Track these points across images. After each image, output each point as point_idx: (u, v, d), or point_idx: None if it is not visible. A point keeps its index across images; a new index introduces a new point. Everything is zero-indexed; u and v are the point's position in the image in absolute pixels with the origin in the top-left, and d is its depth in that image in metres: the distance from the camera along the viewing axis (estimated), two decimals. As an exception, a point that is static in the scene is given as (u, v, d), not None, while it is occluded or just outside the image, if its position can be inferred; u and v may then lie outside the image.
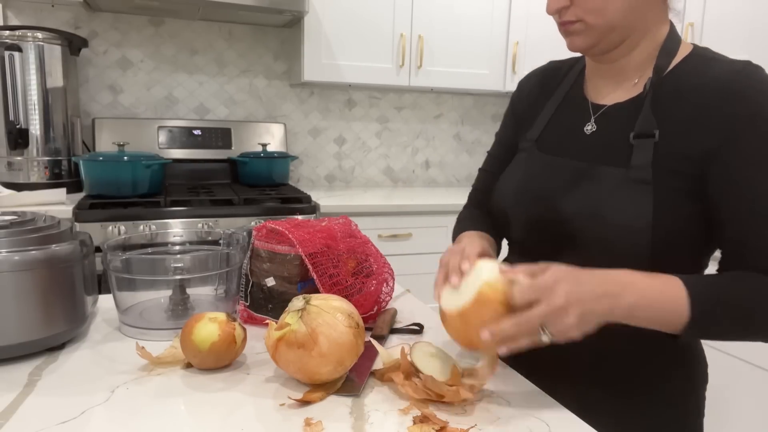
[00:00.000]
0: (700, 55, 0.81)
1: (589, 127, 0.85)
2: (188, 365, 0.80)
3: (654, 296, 0.71)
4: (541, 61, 1.03)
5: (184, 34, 2.61)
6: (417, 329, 0.96)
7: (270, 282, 0.94)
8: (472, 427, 0.66)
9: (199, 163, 2.60)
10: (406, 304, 1.10)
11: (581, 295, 0.67)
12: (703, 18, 2.16)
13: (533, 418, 0.69)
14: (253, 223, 2.13)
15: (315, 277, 0.91)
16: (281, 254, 0.93)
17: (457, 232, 1.00)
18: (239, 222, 2.12)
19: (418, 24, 2.62)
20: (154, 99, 2.61)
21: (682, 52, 0.82)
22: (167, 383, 0.75)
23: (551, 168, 0.86)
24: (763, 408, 1.66)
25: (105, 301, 1.02)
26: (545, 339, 0.66)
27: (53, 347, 0.83)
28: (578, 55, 0.91)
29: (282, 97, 2.81)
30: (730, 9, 2.07)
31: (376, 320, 0.96)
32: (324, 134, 2.92)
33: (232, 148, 2.63)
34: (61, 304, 0.82)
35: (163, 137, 2.53)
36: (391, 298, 1.04)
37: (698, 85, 0.76)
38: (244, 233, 1.04)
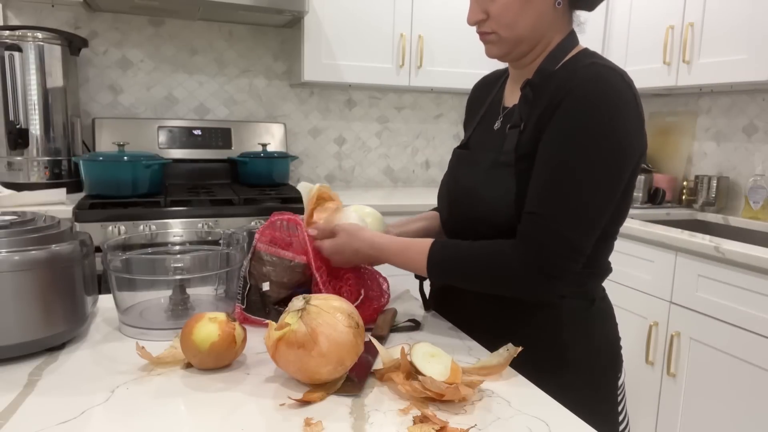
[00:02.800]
0: (578, 58, 0.92)
1: (497, 125, 1.00)
2: (188, 365, 0.80)
3: (400, 256, 0.94)
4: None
5: (184, 34, 2.61)
6: (413, 326, 0.97)
7: (265, 287, 0.94)
8: (472, 427, 0.66)
9: (199, 163, 2.60)
10: (407, 304, 1.10)
11: (345, 257, 0.97)
12: (703, 18, 2.16)
13: (533, 418, 0.69)
14: (253, 224, 2.13)
15: (321, 288, 0.92)
16: (286, 260, 0.93)
17: None
18: (239, 222, 2.12)
19: (418, 24, 2.62)
20: (154, 99, 2.61)
21: (570, 55, 0.93)
22: (167, 383, 0.75)
23: (458, 159, 1.04)
24: (744, 400, 1.67)
25: (105, 301, 1.02)
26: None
27: (53, 347, 0.83)
28: None
29: (282, 97, 2.81)
30: (730, 9, 2.07)
31: (376, 320, 0.96)
32: (324, 134, 2.92)
33: (232, 148, 2.63)
34: (61, 304, 0.82)
35: (163, 137, 2.53)
36: (388, 300, 1.04)
37: (558, 81, 0.88)
38: (244, 233, 1.04)
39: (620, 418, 0.99)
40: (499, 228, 0.90)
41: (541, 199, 0.85)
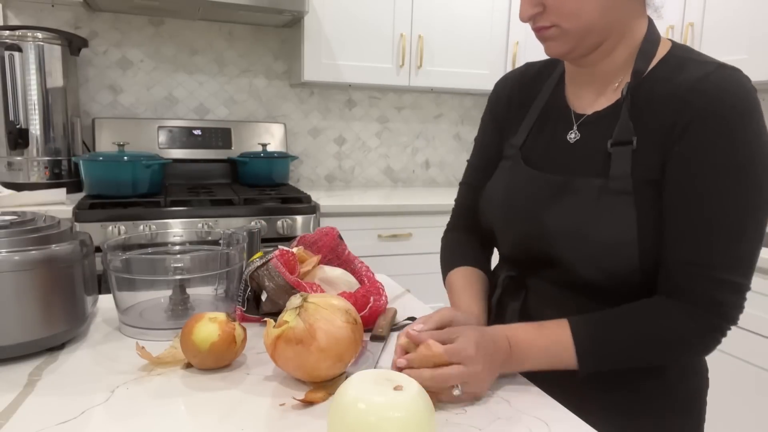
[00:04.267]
0: (676, 55, 0.78)
1: (573, 136, 0.84)
2: (188, 365, 0.80)
3: (543, 347, 0.76)
4: (541, 61, 1.02)
5: (184, 34, 2.61)
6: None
7: (263, 296, 0.94)
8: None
9: (199, 163, 2.60)
10: (406, 304, 1.10)
11: (493, 363, 0.72)
12: (703, 18, 2.16)
13: (533, 418, 0.69)
14: (253, 223, 2.13)
15: None
16: (288, 284, 0.92)
17: (446, 265, 1.00)
18: (239, 222, 2.12)
19: (418, 24, 2.62)
20: (154, 99, 2.61)
21: (660, 53, 0.79)
22: (167, 383, 0.75)
23: (534, 182, 0.85)
24: (744, 400, 1.67)
25: (105, 301, 1.02)
26: (456, 393, 0.69)
27: (53, 347, 0.83)
28: None
29: (282, 97, 2.81)
30: (730, 9, 2.07)
31: (376, 320, 0.96)
32: (324, 134, 2.92)
33: (232, 148, 2.63)
34: (61, 304, 0.82)
35: (163, 137, 2.53)
36: (387, 300, 1.04)
37: (670, 89, 0.74)
38: (244, 233, 1.04)
39: None
40: (610, 271, 0.76)
41: (701, 245, 0.71)
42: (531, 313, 0.86)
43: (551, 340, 0.76)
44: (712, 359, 0.87)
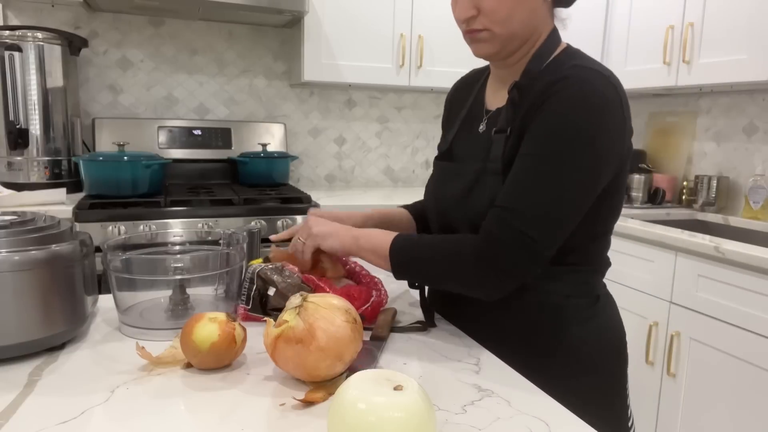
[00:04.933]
0: (561, 58, 0.90)
1: (481, 129, 0.97)
2: (188, 365, 0.80)
3: (372, 239, 0.93)
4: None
5: (184, 34, 2.61)
6: (420, 327, 0.97)
7: (271, 291, 0.95)
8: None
9: (199, 163, 2.60)
10: (407, 304, 1.10)
11: (332, 225, 0.98)
12: (703, 18, 2.16)
13: (533, 418, 0.69)
14: (253, 223, 2.13)
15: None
16: (298, 278, 0.96)
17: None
18: (239, 222, 2.12)
19: (418, 24, 2.62)
20: (154, 99, 2.61)
21: (554, 55, 0.91)
22: (167, 383, 0.75)
23: (443, 172, 1.02)
24: (744, 400, 1.67)
25: (105, 301, 1.02)
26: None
27: (53, 347, 0.83)
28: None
29: (282, 97, 2.81)
30: (730, 9, 2.07)
31: (376, 320, 0.96)
32: (324, 134, 2.92)
33: (232, 148, 2.63)
34: (61, 304, 0.82)
35: (163, 137, 2.53)
36: (387, 299, 1.04)
37: (539, 86, 0.86)
38: (244, 233, 1.04)
39: (628, 414, 0.99)
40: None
41: (508, 194, 0.84)
42: None
43: (378, 242, 0.92)
44: (713, 359, 0.87)
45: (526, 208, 0.82)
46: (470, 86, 1.07)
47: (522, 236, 0.81)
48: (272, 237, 1.09)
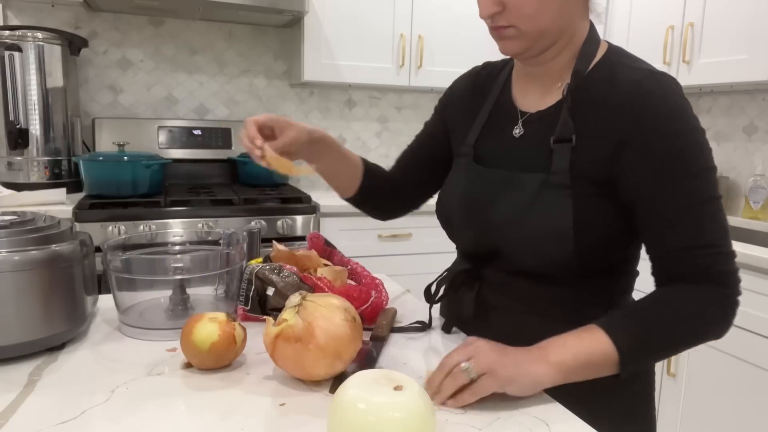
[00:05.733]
0: (610, 58, 0.84)
1: (517, 132, 0.88)
2: (188, 365, 0.80)
3: (578, 346, 0.74)
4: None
5: (184, 34, 2.61)
6: (420, 327, 0.97)
7: (270, 291, 0.95)
8: None
9: (199, 163, 2.60)
10: (406, 304, 1.10)
11: (509, 350, 0.73)
12: (703, 18, 2.16)
13: (533, 418, 0.69)
14: (253, 223, 2.13)
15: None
16: (297, 278, 0.95)
17: None
18: (239, 222, 2.12)
19: (418, 24, 2.62)
20: (154, 99, 2.61)
21: (599, 55, 0.85)
22: (167, 383, 0.75)
23: (483, 178, 0.90)
24: (744, 400, 1.67)
25: (105, 301, 1.02)
26: (468, 373, 0.70)
27: (53, 347, 0.83)
28: None
29: (282, 97, 2.81)
30: (730, 9, 2.07)
31: (376, 320, 0.96)
32: (324, 134, 2.92)
33: (232, 148, 2.63)
34: (61, 304, 0.82)
35: (163, 137, 2.53)
36: (388, 299, 1.04)
37: (606, 92, 0.80)
38: (244, 233, 1.04)
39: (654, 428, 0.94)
40: (550, 257, 0.81)
41: (688, 229, 0.76)
42: (484, 300, 0.91)
43: (589, 341, 0.74)
44: (713, 359, 0.87)
45: (719, 232, 0.77)
46: (488, 82, 0.98)
47: (737, 272, 0.78)
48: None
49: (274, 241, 1.11)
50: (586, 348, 0.74)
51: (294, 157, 0.93)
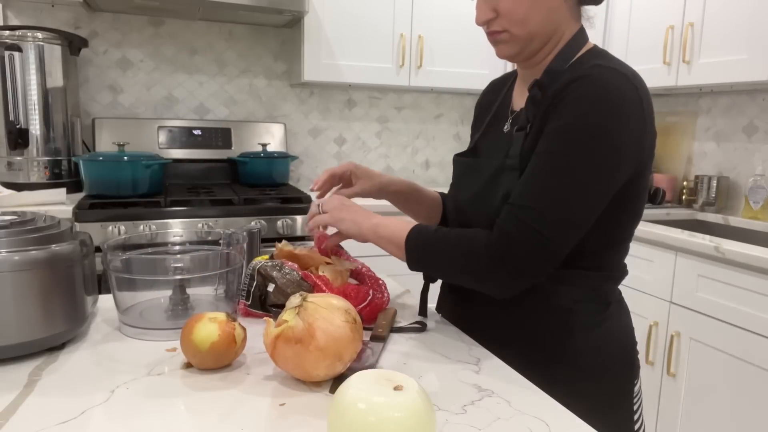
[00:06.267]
0: (587, 58, 0.89)
1: (506, 127, 0.98)
2: (188, 365, 0.80)
3: (392, 227, 0.93)
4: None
5: (184, 34, 2.61)
6: (419, 327, 0.97)
7: (270, 287, 0.95)
8: None
9: (199, 163, 2.60)
10: (407, 304, 1.10)
11: (353, 208, 0.99)
12: (703, 18, 2.16)
13: (533, 418, 0.69)
14: (253, 223, 2.13)
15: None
16: (298, 276, 0.96)
17: None
18: (239, 222, 2.12)
19: (418, 24, 2.62)
20: (154, 99, 2.61)
21: (578, 54, 0.91)
22: (167, 383, 0.75)
23: (462, 167, 1.04)
24: (744, 400, 1.67)
25: (105, 301, 1.02)
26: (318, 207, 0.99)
27: (53, 347, 0.83)
28: None
29: (282, 97, 2.81)
30: (730, 9, 2.07)
31: (376, 320, 0.96)
32: (324, 134, 2.92)
33: (232, 148, 2.63)
34: (61, 304, 0.82)
35: (163, 137, 2.53)
36: (389, 299, 1.04)
37: (560, 84, 0.85)
38: (244, 233, 1.04)
39: (636, 426, 0.96)
40: None
41: (523, 192, 0.83)
42: (459, 289, 1.01)
43: (399, 230, 0.92)
44: (713, 359, 0.87)
45: (541, 206, 0.81)
46: (498, 89, 1.08)
47: (536, 235, 0.80)
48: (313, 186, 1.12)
49: (283, 241, 1.10)
50: (393, 230, 0.93)
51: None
